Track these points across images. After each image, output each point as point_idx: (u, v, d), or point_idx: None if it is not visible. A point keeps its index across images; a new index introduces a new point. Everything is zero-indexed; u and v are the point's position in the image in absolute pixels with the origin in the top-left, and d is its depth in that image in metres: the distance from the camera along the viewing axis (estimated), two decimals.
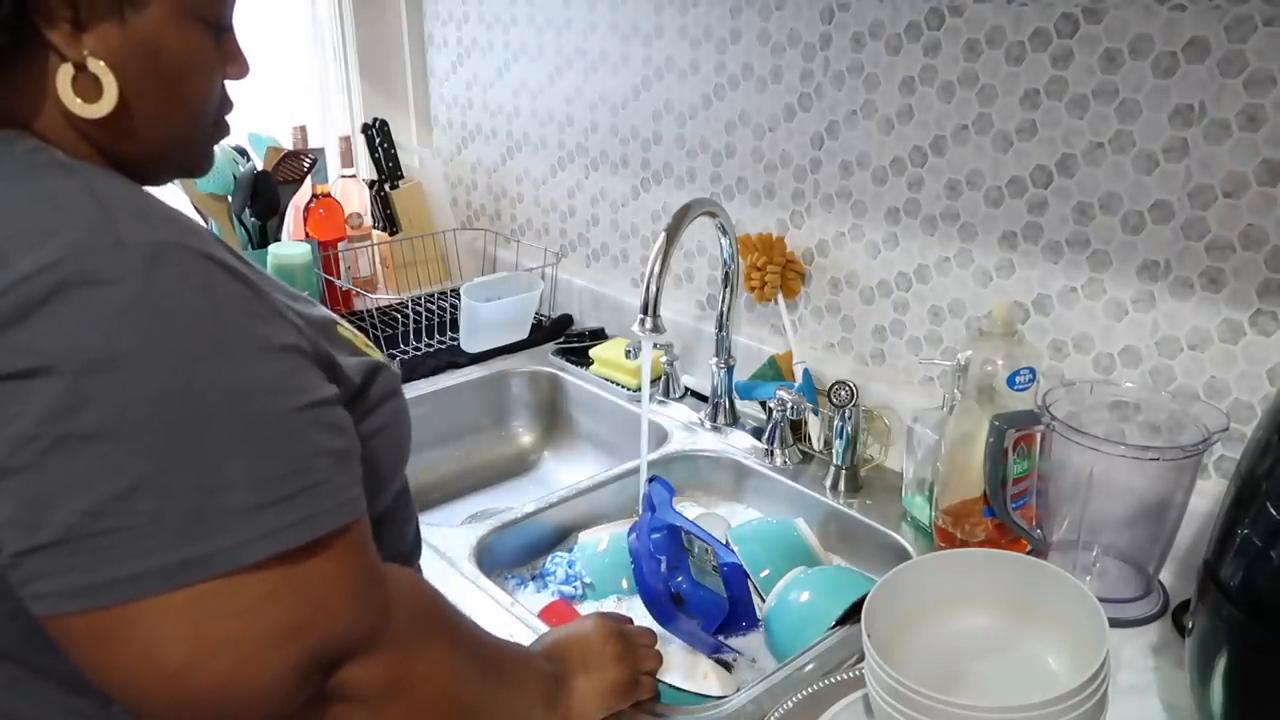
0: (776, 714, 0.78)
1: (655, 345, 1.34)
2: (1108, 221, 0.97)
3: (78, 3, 0.55)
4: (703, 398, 1.36)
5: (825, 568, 1.02)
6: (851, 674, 0.81)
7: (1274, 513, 0.65)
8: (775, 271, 1.26)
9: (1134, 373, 0.99)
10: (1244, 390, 0.92)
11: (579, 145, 1.57)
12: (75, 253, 0.49)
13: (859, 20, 1.12)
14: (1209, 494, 0.90)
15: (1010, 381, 0.94)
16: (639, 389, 1.38)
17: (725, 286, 1.26)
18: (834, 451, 1.14)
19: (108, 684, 0.51)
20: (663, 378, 1.39)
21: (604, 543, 1.07)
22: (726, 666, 0.93)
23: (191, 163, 0.67)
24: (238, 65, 0.65)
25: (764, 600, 0.98)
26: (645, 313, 1.06)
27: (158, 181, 0.69)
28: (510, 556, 1.10)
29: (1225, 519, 0.70)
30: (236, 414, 0.51)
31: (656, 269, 1.06)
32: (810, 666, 0.84)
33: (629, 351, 1.34)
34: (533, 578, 1.08)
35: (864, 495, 1.13)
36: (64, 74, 0.56)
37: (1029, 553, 0.94)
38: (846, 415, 1.11)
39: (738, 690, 0.84)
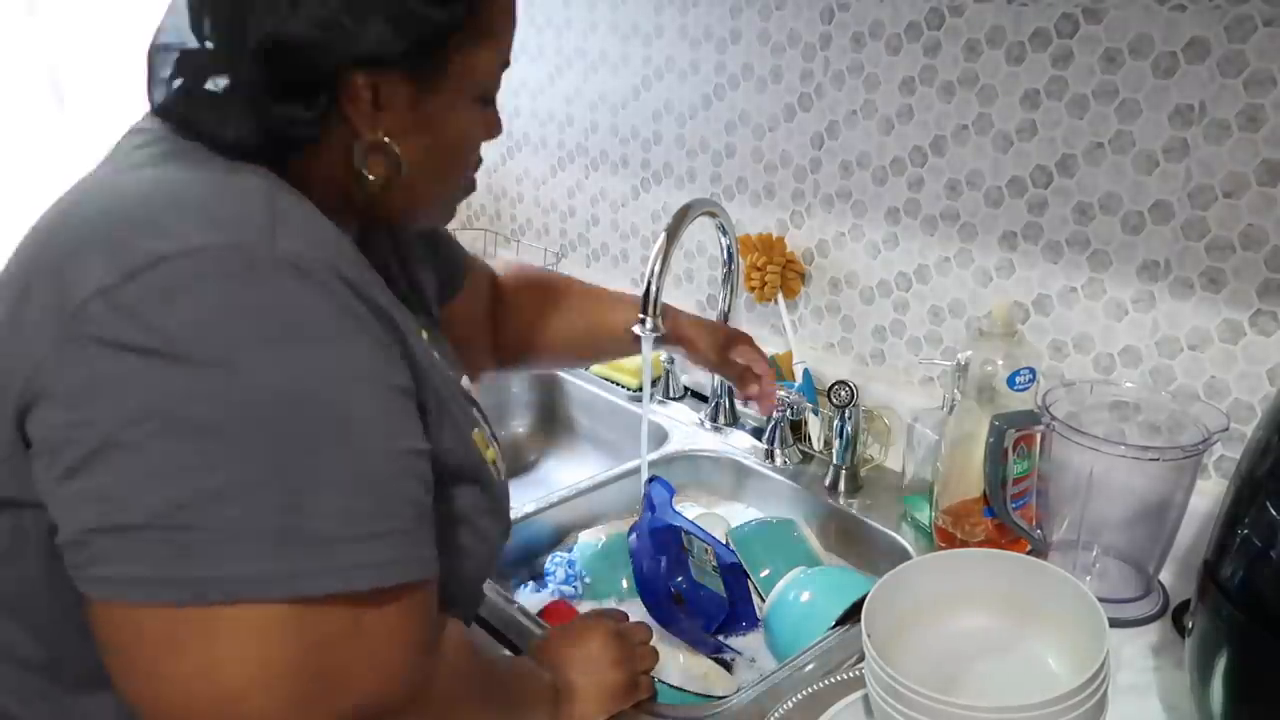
0: (776, 714, 0.78)
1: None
2: (1108, 221, 0.97)
3: (379, 87, 0.58)
4: (703, 398, 1.36)
5: (825, 568, 1.02)
6: (851, 674, 0.81)
7: (1274, 513, 0.65)
8: (775, 271, 1.26)
9: (1134, 373, 0.99)
10: (1244, 390, 0.92)
11: (579, 145, 1.57)
12: (231, 243, 0.51)
13: (859, 20, 1.12)
14: (1209, 494, 0.90)
15: (1010, 381, 0.94)
16: (639, 389, 1.38)
17: (725, 286, 1.26)
18: (834, 451, 1.14)
19: (144, 689, 0.50)
20: (663, 378, 1.39)
21: (603, 543, 1.07)
22: (727, 666, 0.93)
23: (442, 216, 0.73)
24: (495, 130, 0.70)
25: (764, 600, 0.98)
26: (645, 313, 1.06)
27: (406, 228, 0.76)
28: (510, 556, 1.10)
29: (1225, 519, 0.70)
30: (344, 440, 0.51)
31: (656, 269, 1.06)
32: (810, 666, 0.84)
33: None
34: (533, 578, 1.08)
35: (864, 495, 1.13)
36: (359, 150, 0.60)
37: (1029, 553, 0.94)
38: (846, 415, 1.11)
39: (738, 690, 0.84)
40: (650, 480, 1.01)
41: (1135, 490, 0.89)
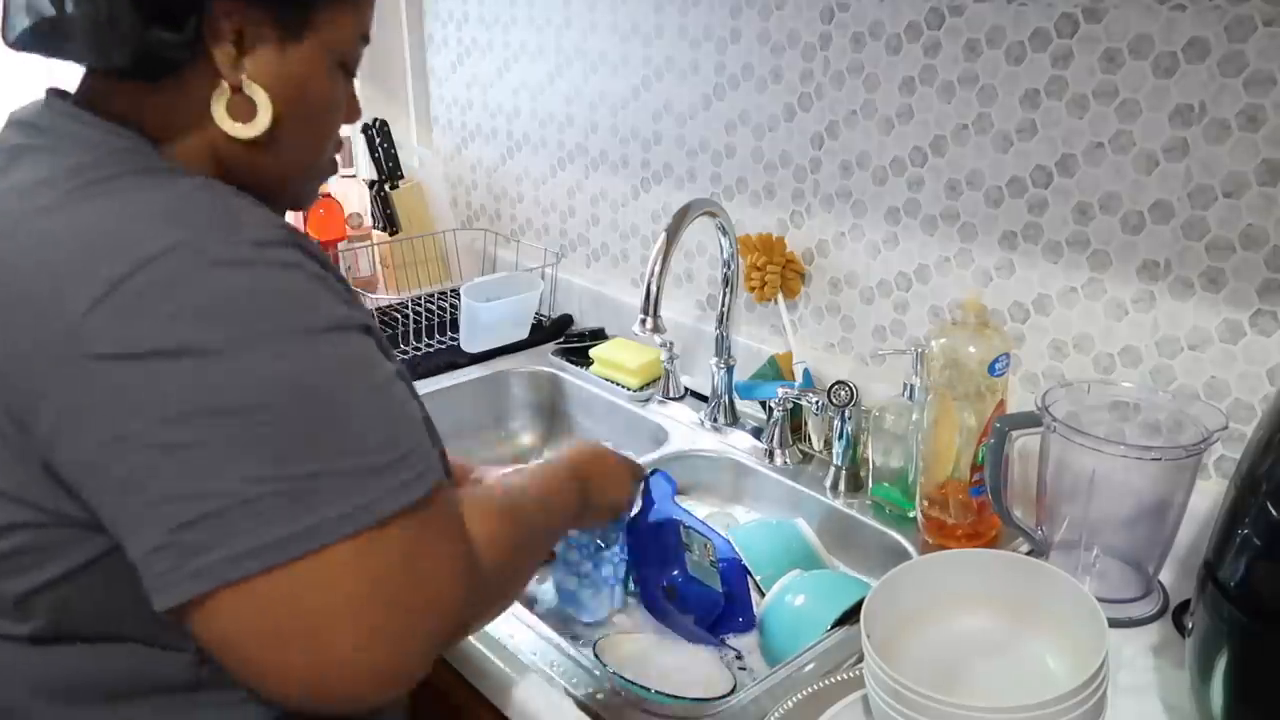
0: (776, 714, 0.78)
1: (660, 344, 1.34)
2: (1108, 221, 0.97)
3: (244, 28, 0.60)
4: (703, 398, 1.36)
5: (821, 572, 1.02)
6: (851, 674, 0.81)
7: (1274, 513, 0.65)
8: (775, 271, 1.26)
9: (1134, 373, 0.99)
10: (1244, 390, 0.92)
11: (579, 145, 1.57)
12: (203, 235, 0.54)
13: (859, 20, 1.12)
14: (1209, 494, 0.90)
15: (991, 370, 0.95)
16: (639, 389, 1.38)
17: (725, 286, 1.26)
18: (834, 452, 1.14)
19: (274, 663, 0.53)
20: (663, 378, 1.39)
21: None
22: (728, 666, 0.93)
23: (303, 196, 0.73)
24: (354, 111, 0.72)
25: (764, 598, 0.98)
26: (645, 313, 1.06)
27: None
28: None
29: (1225, 519, 0.70)
30: (354, 382, 0.56)
31: (656, 269, 1.06)
32: (810, 667, 0.84)
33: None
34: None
35: (864, 495, 1.13)
36: (221, 93, 0.61)
37: (1029, 553, 0.94)
38: (846, 415, 1.11)
39: (735, 689, 0.84)
40: (651, 473, 1.00)
41: (1135, 490, 0.89)
